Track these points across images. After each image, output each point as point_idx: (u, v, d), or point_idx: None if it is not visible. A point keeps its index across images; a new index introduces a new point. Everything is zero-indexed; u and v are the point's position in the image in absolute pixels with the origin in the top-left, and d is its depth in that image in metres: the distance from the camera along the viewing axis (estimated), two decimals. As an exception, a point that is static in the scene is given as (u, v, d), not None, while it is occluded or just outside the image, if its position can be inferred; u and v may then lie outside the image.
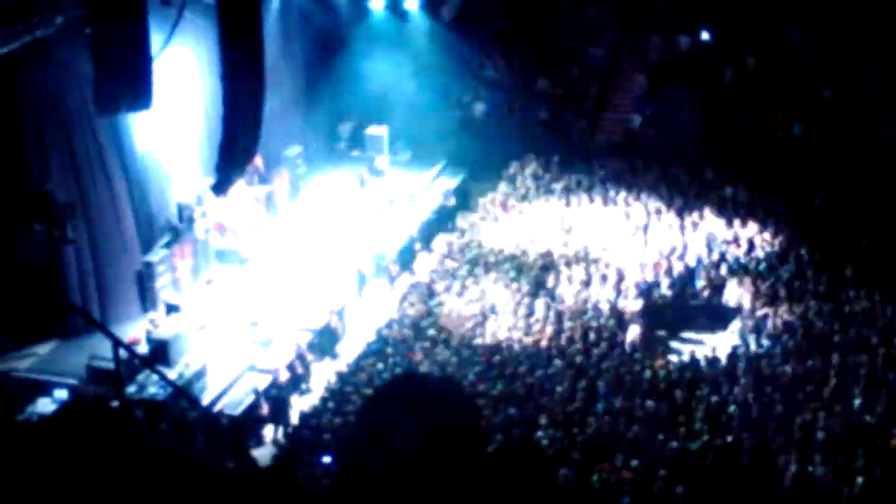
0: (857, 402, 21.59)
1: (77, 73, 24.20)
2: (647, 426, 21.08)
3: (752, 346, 24.58)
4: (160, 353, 24.52)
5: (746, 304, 26.24)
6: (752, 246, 28.28)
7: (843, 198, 30.11)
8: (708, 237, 28.79)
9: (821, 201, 30.22)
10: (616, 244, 28.94)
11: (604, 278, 27.30)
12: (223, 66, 23.70)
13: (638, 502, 19.03)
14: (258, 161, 30.32)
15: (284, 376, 25.03)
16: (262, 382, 24.66)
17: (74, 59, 23.99)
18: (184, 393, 20.17)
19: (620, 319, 26.04)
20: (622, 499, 19.01)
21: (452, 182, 34.30)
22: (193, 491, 3.87)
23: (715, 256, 27.98)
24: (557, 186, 32.64)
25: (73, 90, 24.88)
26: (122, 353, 15.37)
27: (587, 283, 27.24)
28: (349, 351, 26.42)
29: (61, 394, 22.97)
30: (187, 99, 29.30)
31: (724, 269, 27.46)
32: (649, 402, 21.89)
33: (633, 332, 25.50)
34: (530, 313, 25.99)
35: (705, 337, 26.16)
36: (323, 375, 25.45)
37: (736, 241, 28.53)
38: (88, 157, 25.83)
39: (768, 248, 28.13)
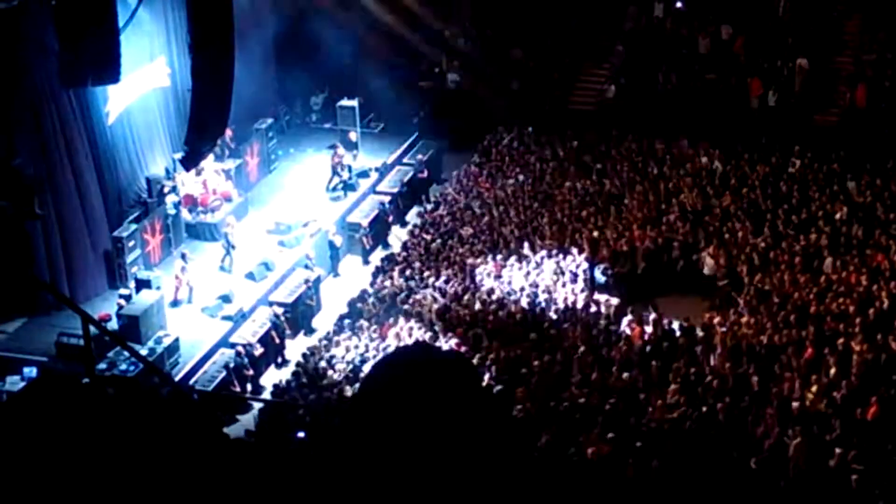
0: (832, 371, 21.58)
1: (43, 47, 23.82)
2: (623, 398, 21.00)
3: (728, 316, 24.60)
4: (131, 329, 24.30)
5: (721, 273, 26.24)
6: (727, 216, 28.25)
7: (818, 166, 30.12)
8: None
9: (796, 170, 30.19)
10: (591, 216, 28.84)
11: (578, 249, 27.20)
12: (192, 38, 23.43)
13: (616, 474, 18.97)
14: (228, 134, 30.08)
15: (258, 350, 24.84)
16: (235, 358, 24.45)
17: (40, 33, 23.62)
18: (155, 369, 19.94)
19: (595, 290, 26.04)
20: (600, 471, 18.93)
21: (425, 154, 34.05)
22: (167, 465, 3.84)
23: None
24: (532, 157, 32.50)
25: (39, 64, 24.48)
26: (92, 329, 15.15)
27: (563, 254, 27.12)
28: (323, 325, 26.26)
29: (31, 371, 22.70)
30: (155, 72, 28.96)
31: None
32: (626, 374, 21.80)
33: (610, 303, 25.47)
34: (506, 285, 25.85)
35: (681, 306, 26.12)
36: (297, 350, 25.27)
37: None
38: (55, 132, 25.45)
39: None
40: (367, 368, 22.23)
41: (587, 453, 19.30)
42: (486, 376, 21.78)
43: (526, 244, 27.50)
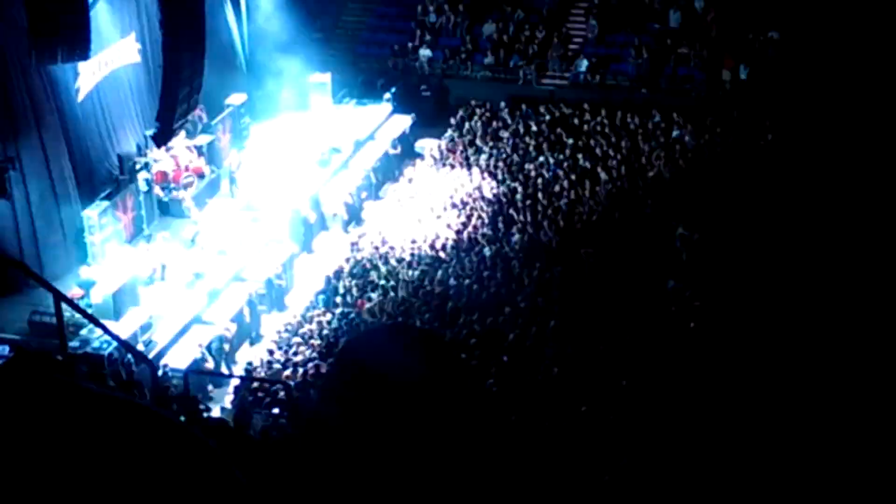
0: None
1: (12, 23, 23.62)
2: (598, 369, 21.12)
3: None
4: (104, 306, 24.17)
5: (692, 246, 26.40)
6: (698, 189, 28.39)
7: (790, 141, 30.28)
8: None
9: (767, 144, 30.34)
10: (562, 188, 28.93)
11: (551, 224, 27.26)
12: (163, 14, 23.33)
13: (590, 444, 19.06)
14: (200, 110, 29.92)
15: (232, 328, 24.74)
16: (208, 335, 24.36)
17: (9, 9, 23.42)
18: (128, 347, 19.86)
19: (570, 263, 26.14)
20: (576, 440, 19.01)
21: (398, 130, 33.97)
22: (142, 441, 3.85)
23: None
24: (505, 133, 32.52)
25: (8, 40, 24.26)
26: (65, 307, 15.08)
27: (538, 228, 27.18)
28: (297, 302, 26.20)
29: (3, 349, 22.56)
30: (126, 48, 28.76)
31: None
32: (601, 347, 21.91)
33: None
34: (481, 260, 25.87)
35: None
36: (271, 327, 25.23)
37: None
38: (25, 109, 25.24)
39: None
40: (341, 344, 22.25)
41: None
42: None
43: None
